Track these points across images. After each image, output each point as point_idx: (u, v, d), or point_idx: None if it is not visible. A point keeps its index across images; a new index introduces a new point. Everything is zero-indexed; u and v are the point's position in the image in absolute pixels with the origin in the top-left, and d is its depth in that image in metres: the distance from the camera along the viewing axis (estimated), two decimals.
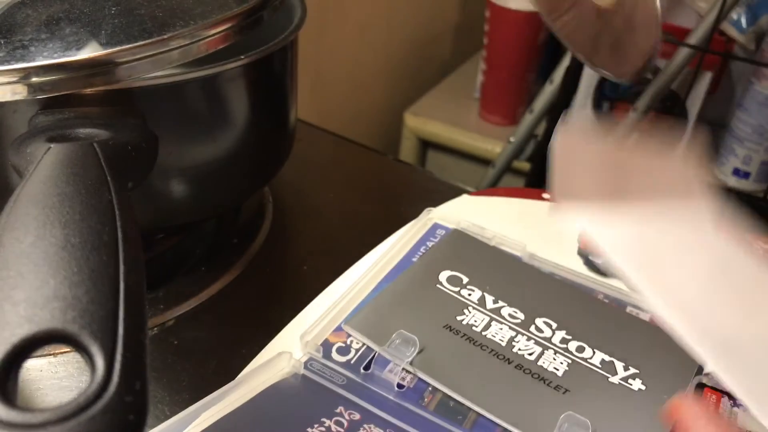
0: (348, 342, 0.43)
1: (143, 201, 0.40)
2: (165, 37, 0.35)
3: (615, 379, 0.41)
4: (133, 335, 0.23)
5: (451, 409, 0.39)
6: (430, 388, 0.40)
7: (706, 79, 0.77)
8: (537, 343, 0.44)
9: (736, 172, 0.81)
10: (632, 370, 0.42)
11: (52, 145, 0.31)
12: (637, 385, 0.41)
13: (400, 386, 0.40)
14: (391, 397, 0.39)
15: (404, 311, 0.45)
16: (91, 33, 0.35)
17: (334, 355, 0.42)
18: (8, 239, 0.25)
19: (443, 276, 0.48)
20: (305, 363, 0.41)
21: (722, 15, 0.66)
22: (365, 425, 0.38)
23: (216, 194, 0.47)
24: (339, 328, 0.44)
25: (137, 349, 0.23)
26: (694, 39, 0.69)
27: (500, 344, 0.43)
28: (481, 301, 0.46)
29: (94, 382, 0.21)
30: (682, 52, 0.69)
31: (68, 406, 0.21)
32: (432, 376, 0.40)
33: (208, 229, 0.54)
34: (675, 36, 0.72)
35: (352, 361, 0.41)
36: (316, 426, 0.37)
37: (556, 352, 0.43)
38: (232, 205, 0.54)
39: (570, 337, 0.44)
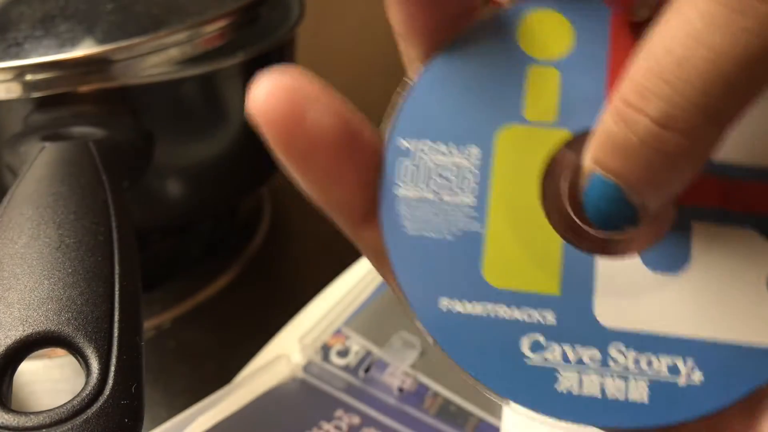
0: (347, 345, 0.42)
1: (139, 201, 0.40)
2: (161, 34, 0.35)
3: None
4: (128, 337, 0.23)
5: (452, 413, 0.39)
6: (431, 392, 0.40)
7: None
8: None
9: None
10: None
11: (46, 144, 0.31)
12: None
13: (400, 390, 0.40)
14: (391, 401, 0.39)
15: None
16: (87, 30, 0.35)
17: (333, 358, 0.41)
18: (2, 240, 0.25)
19: None
20: (304, 366, 0.40)
21: None
22: (365, 429, 0.37)
23: (213, 194, 0.47)
24: (338, 331, 0.43)
25: (133, 352, 0.23)
26: None
27: None
28: None
29: (89, 384, 0.21)
30: None
31: (63, 408, 0.21)
32: (433, 380, 0.40)
33: (204, 230, 0.54)
34: None
35: (352, 365, 0.41)
36: (315, 430, 0.37)
37: None
38: (229, 204, 0.54)
39: None
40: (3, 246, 0.25)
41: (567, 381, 0.19)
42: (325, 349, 0.42)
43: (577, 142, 0.19)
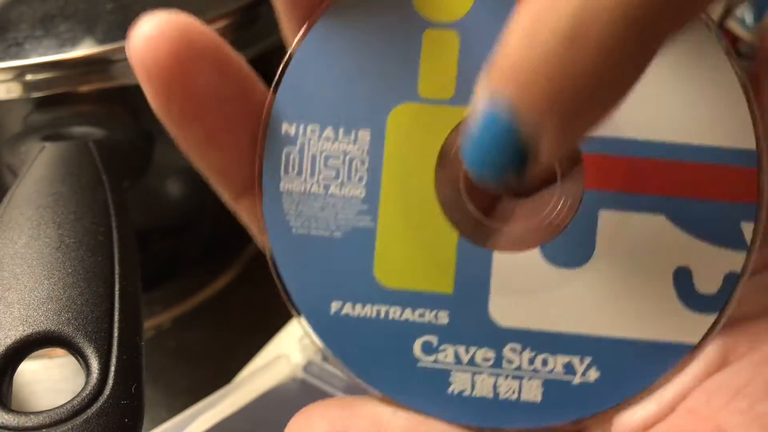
0: None
1: (139, 201, 0.40)
2: None
3: None
4: (128, 337, 0.23)
5: None
6: None
7: None
8: None
9: None
10: None
11: (46, 144, 0.30)
12: None
13: None
14: None
15: None
16: (87, 30, 0.35)
17: None
18: (2, 240, 0.25)
19: None
20: (304, 366, 0.40)
21: (727, 12, 0.66)
22: None
23: (213, 193, 0.46)
24: None
25: (133, 352, 0.23)
26: None
27: None
28: None
29: (89, 384, 0.21)
30: None
31: (63, 409, 0.21)
32: None
33: (205, 230, 0.53)
34: None
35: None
36: None
37: None
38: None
39: None
40: (3, 246, 0.25)
41: (459, 383, 0.18)
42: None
43: None
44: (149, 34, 0.16)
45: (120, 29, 0.35)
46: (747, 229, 0.17)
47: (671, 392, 0.18)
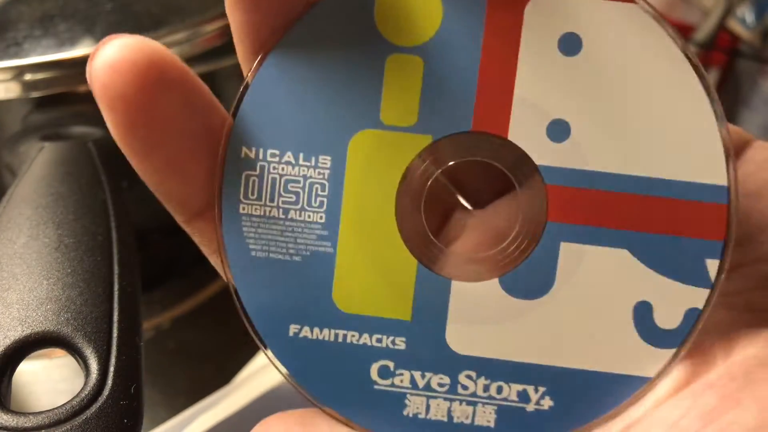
0: None
1: (138, 201, 0.40)
2: (160, 33, 0.35)
3: None
4: (128, 337, 0.23)
5: None
6: None
7: (711, 77, 0.77)
8: None
9: None
10: None
11: (45, 144, 0.30)
12: None
13: None
14: None
15: None
16: (86, 30, 0.35)
17: None
18: (1, 240, 0.25)
19: None
20: None
21: (727, 12, 0.66)
22: None
23: None
24: None
25: (132, 352, 0.23)
26: (699, 36, 0.69)
27: None
28: None
29: (88, 385, 0.21)
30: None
31: (62, 409, 0.21)
32: None
33: None
34: (680, 33, 0.72)
35: None
36: None
37: None
38: None
39: None
40: (2, 246, 0.25)
41: (414, 406, 0.18)
42: None
43: (438, 148, 0.18)
44: (113, 59, 0.15)
45: (119, 29, 0.35)
46: (712, 266, 0.17)
47: (620, 424, 0.18)
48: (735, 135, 0.19)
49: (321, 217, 0.18)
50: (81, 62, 0.33)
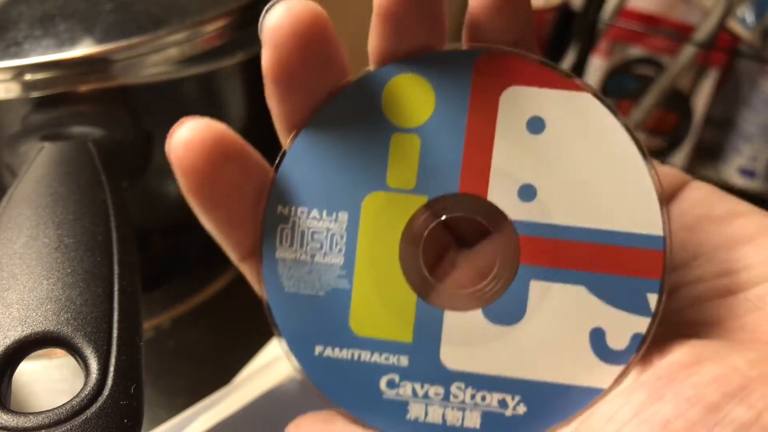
0: None
1: (138, 200, 0.40)
2: (161, 34, 0.35)
3: None
4: (128, 337, 0.23)
5: None
6: None
7: (711, 77, 0.77)
8: None
9: (742, 171, 0.81)
10: None
11: (45, 144, 0.30)
12: None
13: None
14: None
15: None
16: (86, 30, 0.35)
17: None
18: (1, 240, 0.25)
19: None
20: None
21: (728, 12, 0.66)
22: None
23: None
24: None
25: (132, 352, 0.23)
26: (699, 36, 0.69)
27: None
28: None
29: (88, 385, 0.21)
30: (687, 50, 0.69)
31: (62, 409, 0.21)
32: None
33: (204, 230, 0.53)
34: (680, 33, 0.72)
35: None
36: None
37: None
38: None
39: None
40: (2, 246, 0.25)
41: (415, 411, 0.23)
42: None
43: (432, 206, 0.22)
44: (187, 138, 0.20)
45: (119, 29, 0.35)
46: (652, 299, 0.21)
47: (576, 422, 0.22)
48: (675, 177, 0.23)
49: (340, 261, 0.22)
50: (81, 62, 0.33)
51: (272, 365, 0.40)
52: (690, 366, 0.20)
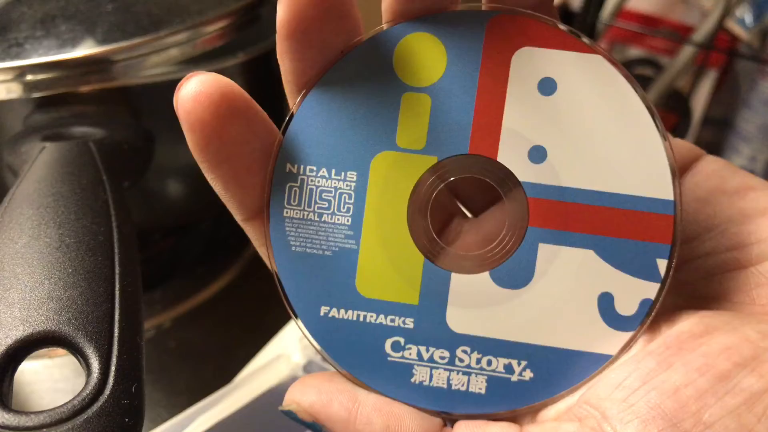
0: None
1: (139, 200, 0.40)
2: (161, 34, 0.35)
3: None
4: (129, 337, 0.23)
5: None
6: None
7: (710, 78, 0.77)
8: None
9: None
10: None
11: (47, 144, 0.30)
12: None
13: None
14: None
15: None
16: (87, 30, 0.35)
17: None
18: (3, 240, 0.25)
19: None
20: (304, 366, 0.40)
21: (726, 12, 0.66)
22: None
23: (213, 193, 0.46)
24: None
25: (133, 351, 0.23)
26: (698, 37, 0.69)
27: None
28: None
29: (89, 384, 0.21)
30: (686, 50, 0.69)
31: (63, 408, 0.21)
32: None
33: (205, 229, 0.54)
34: (679, 34, 0.72)
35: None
36: None
37: None
38: None
39: None
40: (4, 246, 0.25)
41: (420, 375, 0.22)
42: None
43: (441, 167, 0.22)
44: (195, 91, 0.20)
45: (120, 30, 0.35)
46: (661, 264, 0.21)
47: (584, 390, 0.22)
48: (687, 150, 0.23)
49: (348, 221, 0.22)
50: (82, 63, 0.34)
51: (272, 365, 0.40)
52: (700, 336, 0.20)
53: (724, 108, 0.83)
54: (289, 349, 0.41)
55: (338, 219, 0.22)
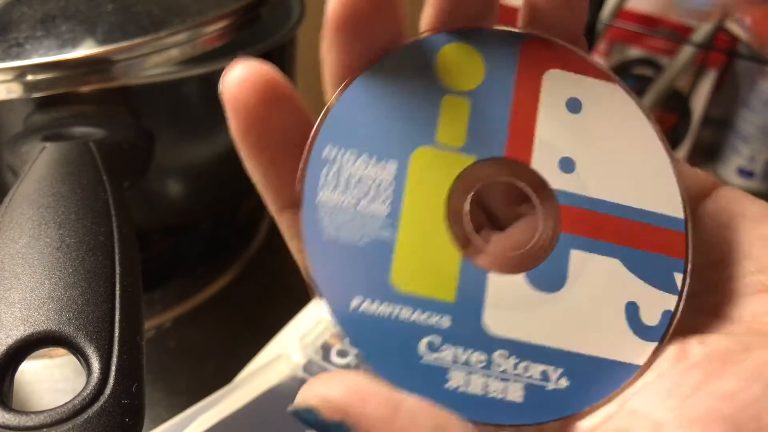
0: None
1: (139, 201, 0.40)
2: (162, 34, 0.35)
3: None
4: (129, 337, 0.23)
5: None
6: None
7: (710, 78, 0.77)
8: None
9: (741, 171, 0.81)
10: None
11: (47, 144, 0.30)
12: None
13: None
14: None
15: None
16: (87, 30, 0.35)
17: (334, 358, 0.41)
18: (3, 240, 0.25)
19: None
20: (304, 366, 0.40)
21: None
22: None
23: (213, 194, 0.46)
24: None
25: (134, 351, 0.23)
26: (697, 37, 0.69)
27: None
28: None
29: (90, 384, 0.21)
30: (686, 51, 0.69)
31: (64, 408, 0.21)
32: None
33: (205, 230, 0.54)
34: (678, 34, 0.72)
35: (352, 364, 0.41)
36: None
37: None
38: (229, 204, 0.53)
39: None
40: (4, 246, 0.25)
41: (455, 379, 0.21)
42: (326, 349, 0.42)
43: (480, 167, 0.22)
44: (241, 76, 0.20)
45: (120, 30, 0.35)
46: (678, 278, 0.22)
47: (620, 400, 0.21)
48: (705, 177, 0.24)
49: (385, 210, 0.21)
50: (82, 63, 0.34)
51: (272, 365, 0.40)
52: (741, 352, 0.20)
53: (723, 108, 0.83)
54: (289, 349, 0.41)
55: (375, 208, 0.21)
